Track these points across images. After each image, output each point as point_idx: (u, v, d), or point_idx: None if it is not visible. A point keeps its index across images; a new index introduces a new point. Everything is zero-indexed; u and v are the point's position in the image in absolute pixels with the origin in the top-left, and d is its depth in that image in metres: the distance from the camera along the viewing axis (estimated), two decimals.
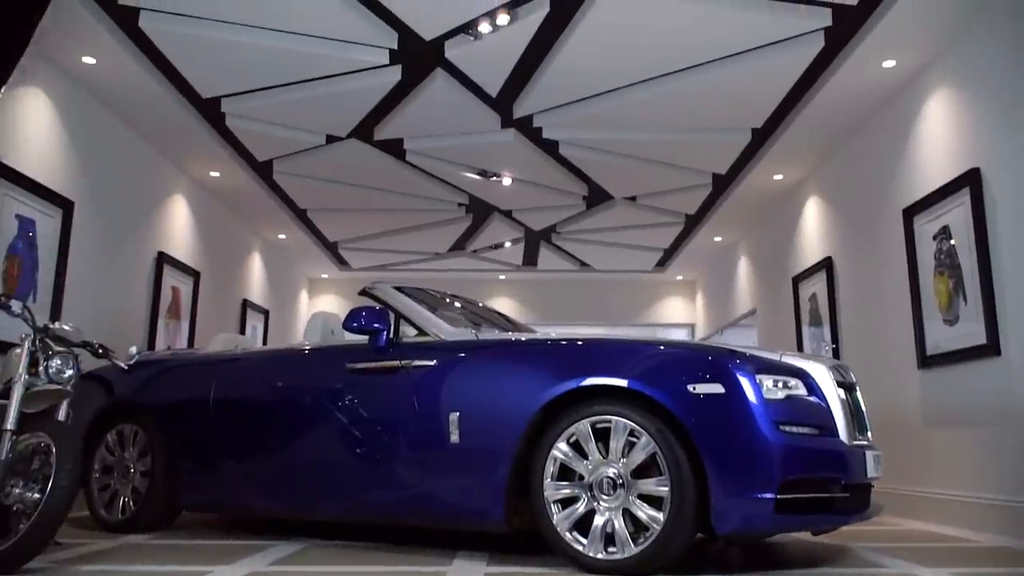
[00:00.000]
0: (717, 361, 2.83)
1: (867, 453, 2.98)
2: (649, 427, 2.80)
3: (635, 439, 2.83)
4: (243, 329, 8.34)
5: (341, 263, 10.39)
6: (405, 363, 3.33)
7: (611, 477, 2.83)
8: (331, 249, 9.62)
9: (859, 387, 3.28)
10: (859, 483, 2.94)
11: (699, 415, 2.74)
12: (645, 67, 4.87)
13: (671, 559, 2.74)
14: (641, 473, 2.81)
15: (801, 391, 2.87)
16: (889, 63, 4.68)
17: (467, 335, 3.40)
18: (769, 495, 2.62)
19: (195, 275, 7.03)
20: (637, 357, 2.99)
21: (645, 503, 2.77)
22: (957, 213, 4.43)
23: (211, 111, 5.55)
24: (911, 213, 4.91)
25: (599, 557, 2.79)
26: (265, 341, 9.13)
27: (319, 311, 4.11)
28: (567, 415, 2.95)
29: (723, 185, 7.01)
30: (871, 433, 3.28)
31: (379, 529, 3.96)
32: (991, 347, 4.08)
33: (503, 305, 11.15)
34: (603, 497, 2.82)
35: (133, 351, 3.62)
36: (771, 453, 2.67)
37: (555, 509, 2.90)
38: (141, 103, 5.32)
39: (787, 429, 2.74)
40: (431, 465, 3.19)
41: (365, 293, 3.74)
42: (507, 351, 3.29)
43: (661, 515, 2.72)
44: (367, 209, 7.85)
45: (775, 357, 2.99)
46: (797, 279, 6.92)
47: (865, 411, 3.25)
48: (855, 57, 4.59)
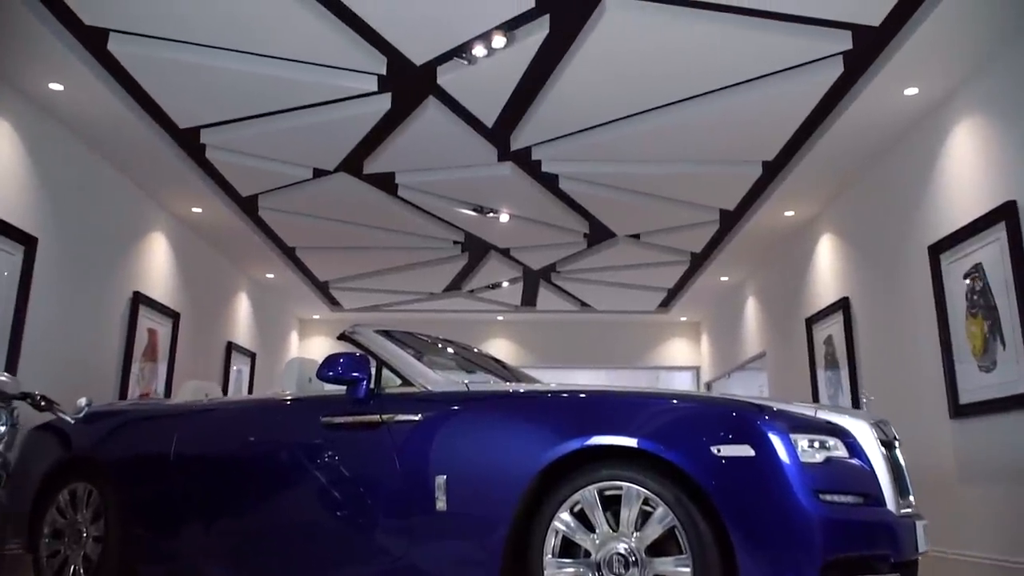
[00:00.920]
0: (744, 418, 2.45)
1: (916, 524, 2.59)
2: (666, 495, 2.41)
3: (650, 509, 2.43)
4: (227, 373, 7.94)
5: (333, 304, 10.03)
6: (386, 417, 2.94)
7: (622, 554, 2.43)
8: (322, 289, 9.27)
9: (899, 443, 2.89)
10: (908, 559, 2.54)
11: (725, 482, 2.35)
12: (650, 95, 4.56)
13: None
14: (657, 550, 2.40)
15: (842, 452, 2.48)
16: (911, 90, 4.37)
17: (457, 386, 3.01)
18: None
19: (174, 316, 6.65)
20: (650, 412, 2.61)
21: None
22: (991, 250, 4.08)
23: (190, 142, 5.23)
24: (938, 250, 4.56)
25: None
26: (251, 385, 8.72)
27: (295, 357, 3.74)
28: (570, 480, 2.56)
29: (731, 222, 6.68)
30: (913, 496, 2.88)
31: None
32: None
33: (501, 347, 10.76)
34: None
35: (82, 403, 3.24)
36: (811, 527, 2.27)
37: None
38: (114, 133, 5.00)
39: (828, 498, 2.35)
40: (415, 535, 2.78)
41: (344, 338, 3.36)
42: (501, 405, 2.89)
43: None
44: (358, 247, 7.51)
45: (809, 412, 2.61)
46: (811, 321, 6.55)
47: (906, 471, 2.86)
48: (876, 84, 4.28)
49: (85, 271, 5.30)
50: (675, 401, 2.70)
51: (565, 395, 2.83)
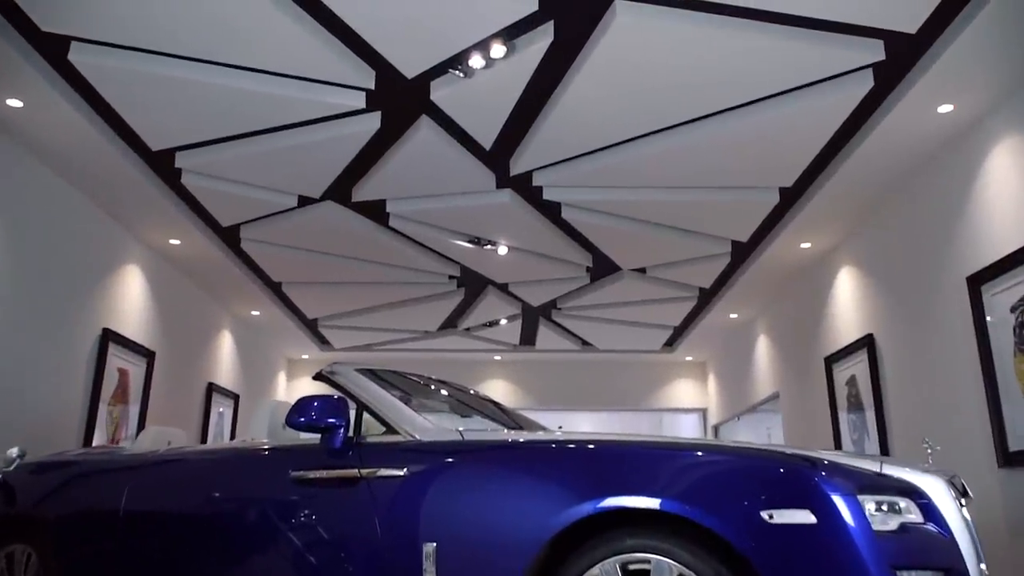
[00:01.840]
0: (799, 475, 2.02)
1: None
2: (705, 571, 1.97)
3: None
4: (207, 416, 7.46)
5: (322, 343, 9.58)
6: (366, 472, 2.50)
7: None
8: (310, 327, 8.82)
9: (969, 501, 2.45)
10: None
11: (780, 555, 1.91)
12: (661, 113, 4.20)
13: None
14: None
15: (917, 516, 2.04)
16: (946, 107, 4.02)
17: (449, 434, 2.56)
18: None
19: (148, 355, 6.20)
20: (678, 467, 2.18)
21: None
22: None
23: (164, 166, 4.85)
24: (978, 281, 4.16)
25: None
26: (234, 429, 8.22)
27: (270, 399, 3.30)
28: (586, 550, 2.11)
29: (744, 254, 6.29)
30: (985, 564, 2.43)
31: None
32: None
33: (498, 388, 10.30)
34: None
35: (12, 453, 2.80)
36: None
37: None
38: (81, 155, 4.61)
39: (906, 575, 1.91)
40: None
41: (320, 378, 2.93)
42: (501, 457, 2.45)
43: None
44: (348, 282, 7.09)
45: (872, 467, 2.18)
46: (830, 360, 6.12)
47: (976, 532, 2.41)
48: (909, 99, 3.92)
49: (48, 306, 4.86)
50: (708, 453, 2.27)
51: (573, 446, 2.39)
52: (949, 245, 4.46)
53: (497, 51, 3.60)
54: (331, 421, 2.61)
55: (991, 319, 4.06)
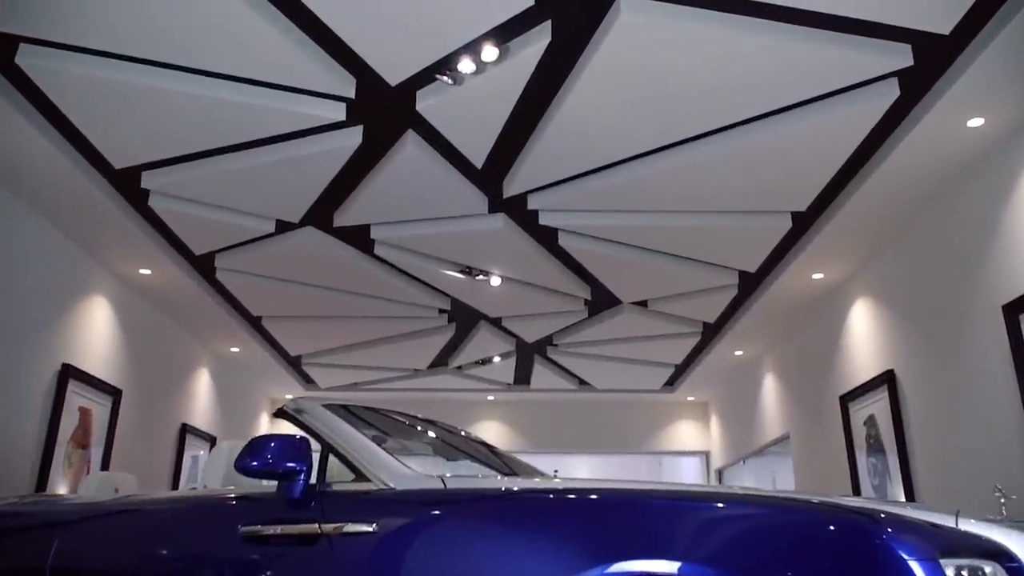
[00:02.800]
0: (861, 533, 1.62)
1: None
2: None
3: None
4: (179, 460, 6.98)
5: (307, 382, 9.13)
6: (330, 528, 2.08)
7: None
8: (294, 365, 8.39)
9: None
10: None
11: None
12: (667, 127, 3.86)
13: None
14: None
15: None
16: (976, 121, 3.69)
17: (430, 481, 2.15)
18: None
19: (114, 393, 5.76)
20: (706, 522, 1.79)
21: None
22: None
23: (129, 187, 4.49)
24: (1016, 310, 3.79)
25: None
26: None
27: (227, 441, 2.89)
28: None
29: (751, 286, 5.93)
30: None
31: None
32: None
33: (491, 430, 9.84)
34: None
35: None
36: None
37: None
38: (35, 173, 4.24)
39: None
40: None
41: (283, 415, 2.53)
42: (490, 510, 2.04)
43: None
44: (332, 316, 6.69)
45: (944, 521, 1.78)
46: (846, 399, 5.72)
47: None
48: (936, 112, 3.60)
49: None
50: (739, 505, 1.87)
51: (574, 496, 1.99)
52: (980, 272, 4.10)
53: (489, 54, 3.27)
54: (290, 465, 2.20)
55: None
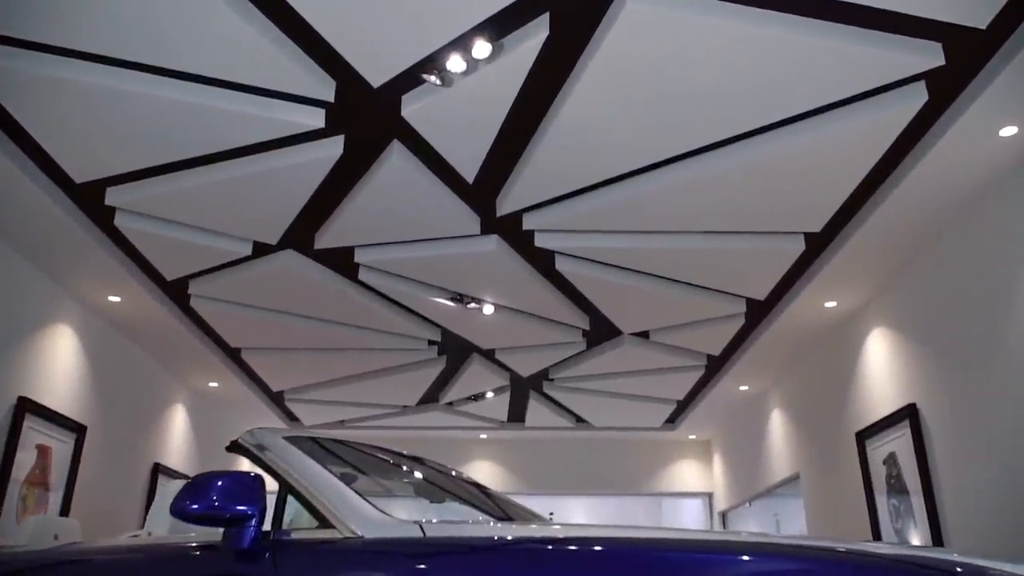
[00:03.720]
0: None
1: None
2: None
3: None
4: (150, 503, 6.53)
5: (290, 419, 8.70)
6: None
7: None
8: (276, 401, 7.98)
9: None
10: None
11: None
12: (674, 136, 3.56)
13: None
14: None
15: None
16: (1009, 130, 3.41)
17: (405, 529, 1.78)
18: None
19: (78, 430, 5.35)
20: None
21: None
22: None
23: (92, 204, 4.15)
24: None
25: None
26: None
27: (176, 481, 2.51)
28: None
29: (760, 315, 5.59)
30: None
31: None
32: None
33: (484, 470, 9.40)
34: None
35: None
36: None
37: None
38: None
39: None
40: None
41: (236, 449, 2.16)
42: (479, 564, 1.67)
43: None
44: (316, 348, 6.32)
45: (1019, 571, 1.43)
46: (863, 436, 5.35)
47: None
48: (967, 119, 3.31)
49: None
50: (779, 560, 1.52)
51: (575, 548, 1.63)
52: (1013, 296, 3.78)
53: (481, 50, 2.97)
54: (239, 509, 1.84)
55: None
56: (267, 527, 1.88)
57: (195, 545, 1.97)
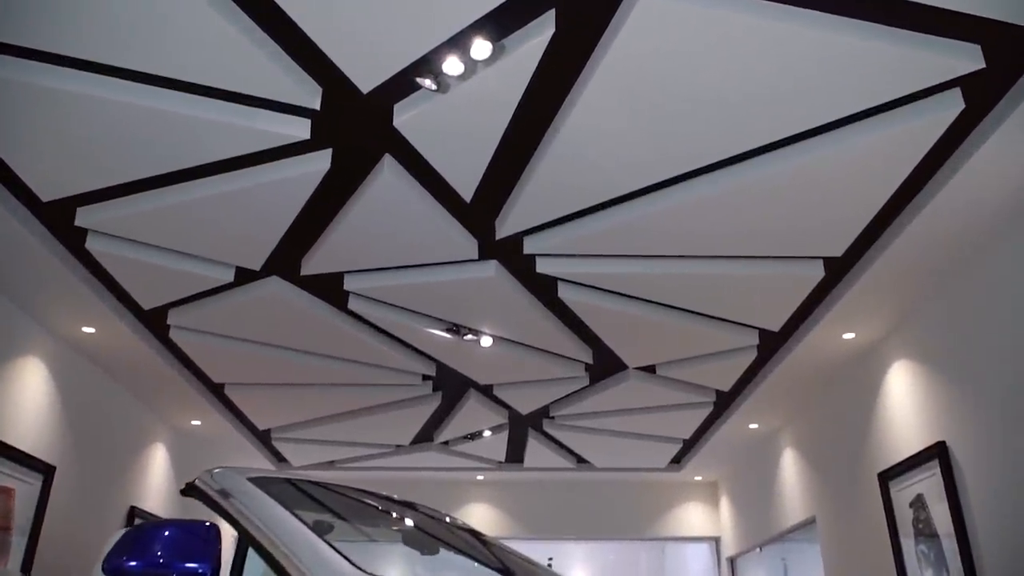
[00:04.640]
0: None
1: None
2: None
3: None
4: None
5: (278, 459, 8.31)
6: None
7: None
8: (263, 440, 7.60)
9: None
10: None
11: None
12: (689, 149, 3.29)
13: None
14: None
15: None
16: None
17: None
18: None
19: (46, 471, 4.99)
20: None
21: None
22: None
23: (62, 225, 3.86)
24: None
25: None
26: None
27: (128, 528, 2.18)
28: None
29: (773, 347, 5.29)
30: None
31: None
32: None
33: (480, 514, 9.00)
34: None
35: None
36: None
37: None
38: None
39: None
40: None
41: (192, 492, 1.84)
42: None
43: None
44: (304, 384, 5.99)
45: None
46: (886, 476, 5.01)
47: None
48: (1007, 127, 3.06)
49: None
50: None
51: None
52: None
53: (480, 50, 2.72)
54: (188, 567, 1.51)
55: None
56: None
57: None
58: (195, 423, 6.93)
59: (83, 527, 5.51)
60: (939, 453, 4.42)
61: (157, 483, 6.79)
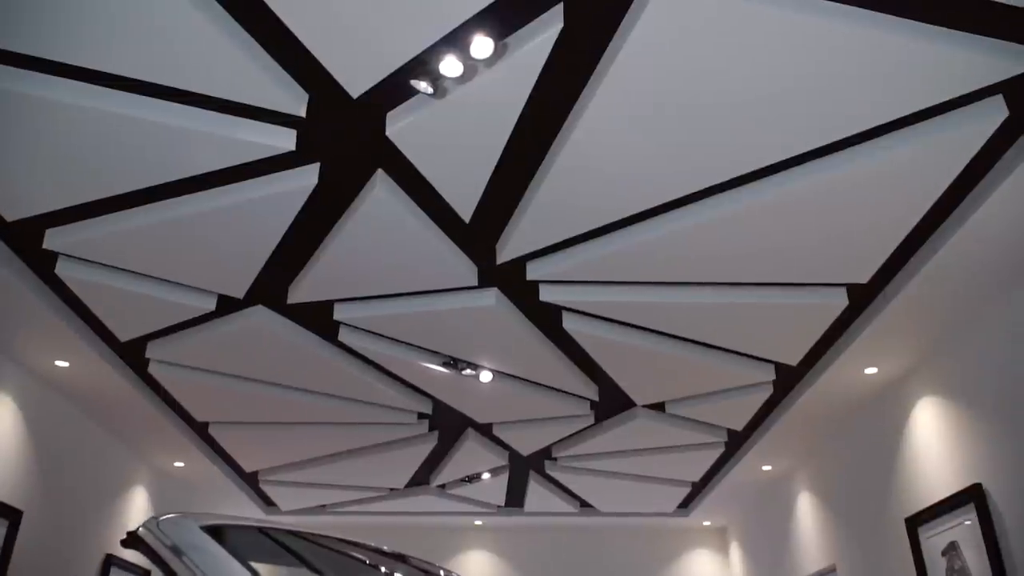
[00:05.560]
0: None
1: None
2: None
3: None
4: None
5: (267, 503, 7.91)
6: None
7: None
8: (250, 483, 7.22)
9: None
10: None
11: None
12: (705, 165, 3.04)
13: None
14: None
15: None
16: None
17: None
18: None
19: (12, 516, 4.64)
20: None
21: None
22: None
23: (30, 249, 3.59)
24: None
25: None
26: None
27: None
28: None
29: (791, 382, 4.98)
30: None
31: None
32: None
33: (478, 563, 8.57)
34: None
35: None
36: None
37: None
38: None
39: None
40: None
41: (134, 544, 1.53)
42: None
43: None
44: (292, 423, 5.66)
45: None
46: (915, 522, 4.66)
47: None
48: None
49: None
50: None
51: None
52: None
53: (481, 48, 2.47)
54: None
55: None
56: None
57: None
58: (178, 464, 6.57)
59: (55, 574, 5.13)
60: (975, 496, 4.09)
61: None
